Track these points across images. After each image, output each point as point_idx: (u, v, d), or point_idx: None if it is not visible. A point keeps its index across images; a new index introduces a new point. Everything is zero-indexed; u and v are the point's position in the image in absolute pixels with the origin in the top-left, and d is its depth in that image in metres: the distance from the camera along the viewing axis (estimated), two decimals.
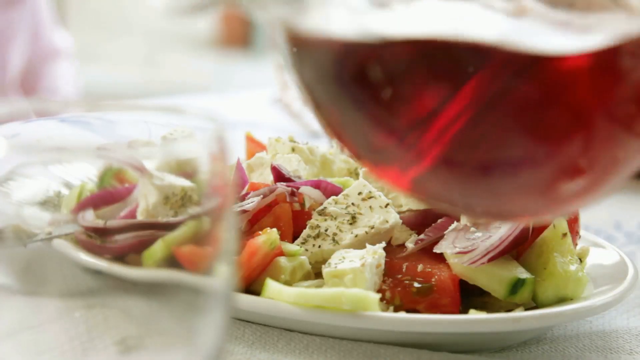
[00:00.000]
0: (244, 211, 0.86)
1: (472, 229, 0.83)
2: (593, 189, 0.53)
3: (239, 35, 5.77)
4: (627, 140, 0.52)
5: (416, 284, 0.80)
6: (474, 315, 0.78)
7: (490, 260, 0.81)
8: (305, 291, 0.78)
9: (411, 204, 0.88)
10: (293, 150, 0.97)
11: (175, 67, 5.20)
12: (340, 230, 0.86)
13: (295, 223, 0.88)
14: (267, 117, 1.78)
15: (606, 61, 0.49)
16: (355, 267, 0.80)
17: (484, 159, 0.51)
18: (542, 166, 0.51)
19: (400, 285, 0.81)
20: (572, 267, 0.82)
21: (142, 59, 5.38)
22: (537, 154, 0.50)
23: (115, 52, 5.44)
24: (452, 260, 0.81)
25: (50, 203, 0.55)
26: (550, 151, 0.50)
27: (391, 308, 0.80)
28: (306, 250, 0.86)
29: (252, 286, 0.83)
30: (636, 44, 0.49)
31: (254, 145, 1.04)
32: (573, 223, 0.88)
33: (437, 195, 0.56)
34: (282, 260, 0.83)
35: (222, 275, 0.52)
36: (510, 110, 0.49)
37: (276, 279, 0.81)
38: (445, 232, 0.84)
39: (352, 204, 0.87)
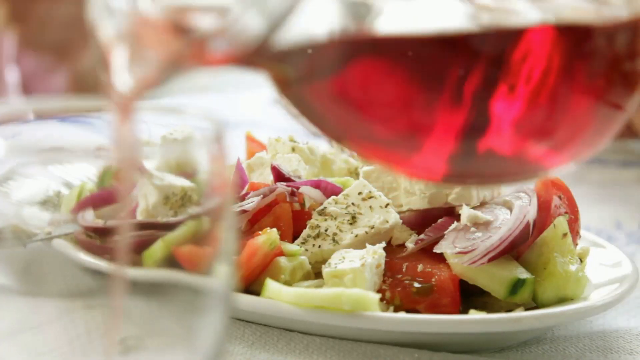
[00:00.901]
0: (244, 211, 0.86)
1: (472, 229, 0.83)
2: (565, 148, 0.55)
3: None
4: (596, 109, 0.53)
5: (416, 284, 0.80)
6: (474, 315, 0.78)
7: (490, 260, 0.81)
8: (305, 291, 0.78)
9: (411, 204, 0.88)
10: (293, 150, 0.97)
11: None
12: (340, 230, 0.86)
13: (295, 223, 0.88)
14: (267, 117, 1.77)
15: (575, 36, 0.51)
16: (355, 267, 0.80)
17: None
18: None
19: (400, 285, 0.81)
20: (573, 267, 0.82)
21: None
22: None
23: None
24: (452, 260, 0.81)
25: (50, 203, 0.55)
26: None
27: (391, 308, 0.80)
28: (306, 250, 0.86)
29: (252, 286, 0.83)
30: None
31: (254, 145, 1.04)
32: (573, 223, 0.88)
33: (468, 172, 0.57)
34: (282, 260, 0.83)
35: (222, 275, 0.52)
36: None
37: (276, 279, 0.81)
38: (445, 232, 0.84)
39: (352, 204, 0.87)
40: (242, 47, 0.50)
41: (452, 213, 0.87)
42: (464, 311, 0.80)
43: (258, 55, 0.51)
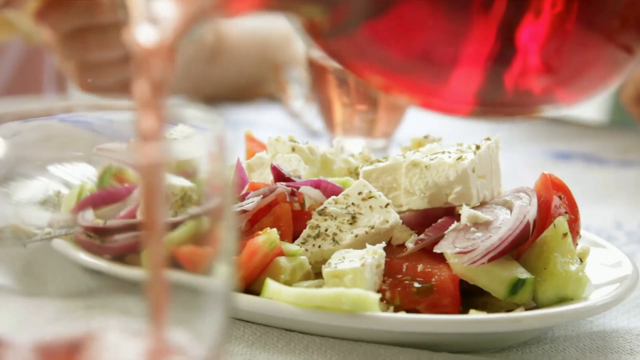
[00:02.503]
0: (244, 211, 0.86)
1: (472, 229, 0.83)
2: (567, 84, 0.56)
3: None
4: (602, 47, 0.54)
5: (416, 284, 0.80)
6: (474, 315, 0.78)
7: (490, 260, 0.81)
8: (305, 291, 0.78)
9: (411, 204, 0.88)
10: (293, 150, 0.97)
11: None
12: (340, 230, 0.86)
13: (295, 223, 0.88)
14: (267, 117, 1.78)
15: None
16: (355, 267, 0.80)
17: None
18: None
19: (400, 285, 0.81)
20: (573, 267, 0.82)
21: None
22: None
23: None
24: (452, 260, 0.81)
25: (50, 203, 0.55)
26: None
27: (391, 308, 0.80)
28: (306, 250, 0.85)
29: (252, 286, 0.83)
30: None
31: (254, 145, 1.04)
32: (573, 223, 0.88)
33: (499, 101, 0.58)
34: (282, 260, 0.83)
35: (222, 275, 0.52)
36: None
37: (276, 279, 0.81)
38: (445, 232, 0.84)
39: (352, 203, 0.87)
40: None
41: (452, 213, 0.87)
42: (464, 311, 0.80)
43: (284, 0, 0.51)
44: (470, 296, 0.82)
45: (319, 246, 0.85)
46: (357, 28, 0.54)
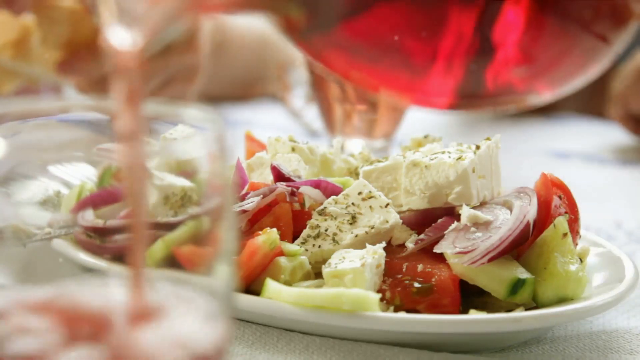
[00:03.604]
0: (244, 211, 0.86)
1: (472, 229, 0.83)
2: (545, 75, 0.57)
3: None
4: (580, 35, 0.55)
5: (416, 284, 0.80)
6: (474, 315, 0.78)
7: (490, 260, 0.81)
8: (305, 291, 0.78)
9: (411, 204, 0.88)
10: (293, 150, 0.97)
11: None
12: (340, 230, 0.86)
13: (295, 223, 0.88)
14: (267, 117, 1.78)
15: None
16: (355, 267, 0.80)
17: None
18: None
19: (400, 285, 0.81)
20: (573, 267, 0.82)
21: None
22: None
23: None
24: (452, 260, 0.81)
25: (50, 203, 0.55)
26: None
27: (391, 308, 0.80)
28: (306, 250, 0.85)
29: (252, 286, 0.83)
30: None
31: (254, 145, 1.04)
32: (573, 223, 0.88)
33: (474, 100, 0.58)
34: (282, 260, 0.83)
35: (222, 275, 0.52)
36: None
37: (276, 279, 0.81)
38: (445, 232, 0.84)
39: (352, 203, 0.87)
40: None
41: (452, 213, 0.87)
42: (464, 311, 0.80)
43: None
44: (470, 296, 0.82)
45: (319, 246, 0.85)
46: (334, 25, 0.54)
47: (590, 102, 1.93)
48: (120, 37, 0.50)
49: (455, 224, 0.84)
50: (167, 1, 0.50)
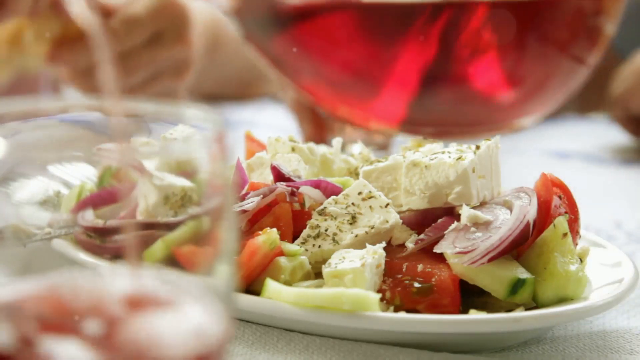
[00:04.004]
0: (244, 211, 0.86)
1: (472, 229, 0.83)
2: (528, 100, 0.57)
3: None
4: (558, 60, 0.55)
5: (416, 284, 0.80)
6: (474, 315, 0.78)
7: (490, 260, 0.81)
8: (305, 291, 0.78)
9: (411, 204, 0.88)
10: (293, 150, 0.97)
11: None
12: (340, 230, 0.86)
13: (295, 223, 0.88)
14: (267, 117, 1.77)
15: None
16: (355, 267, 0.80)
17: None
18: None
19: (400, 285, 0.81)
20: (573, 267, 0.82)
21: None
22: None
23: None
24: (452, 260, 0.81)
25: (50, 203, 0.55)
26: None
27: (391, 308, 0.80)
28: (306, 250, 0.85)
29: (252, 286, 0.83)
30: None
31: (254, 145, 1.04)
32: (573, 223, 0.88)
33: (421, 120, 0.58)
34: (282, 260, 0.83)
35: (222, 275, 0.52)
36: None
37: (276, 279, 0.81)
38: (445, 232, 0.84)
39: (352, 203, 0.87)
40: None
41: (452, 213, 0.87)
42: (464, 311, 0.80)
43: None
44: (470, 296, 0.82)
45: (319, 246, 0.85)
46: (287, 34, 0.54)
47: (590, 102, 1.93)
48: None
49: (455, 224, 0.84)
50: None
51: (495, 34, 0.52)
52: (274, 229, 0.84)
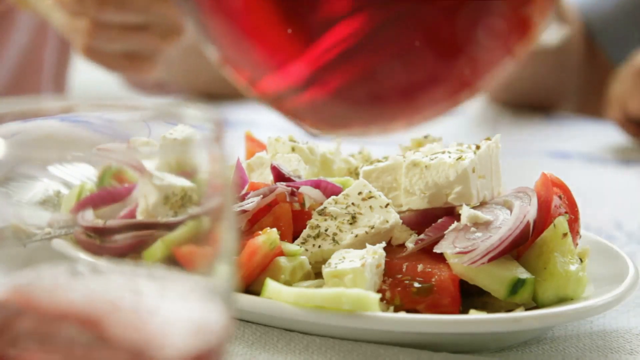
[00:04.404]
0: (244, 211, 0.86)
1: (472, 229, 0.83)
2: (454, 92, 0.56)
3: None
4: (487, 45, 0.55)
5: (416, 284, 0.80)
6: (474, 315, 0.78)
7: (490, 260, 0.81)
8: (305, 291, 0.78)
9: (411, 204, 0.88)
10: (293, 150, 0.97)
11: None
12: (340, 230, 0.86)
13: (295, 223, 0.88)
14: (267, 117, 1.77)
15: None
16: (355, 267, 0.80)
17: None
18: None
19: (400, 285, 0.81)
20: (573, 267, 0.82)
21: None
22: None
23: None
24: (452, 260, 0.81)
25: (50, 203, 0.55)
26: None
27: (391, 308, 0.80)
28: (306, 250, 0.85)
29: (252, 286, 0.83)
30: None
31: (254, 145, 1.04)
32: (573, 223, 0.88)
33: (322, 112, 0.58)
34: (282, 260, 0.83)
35: (222, 275, 0.52)
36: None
37: (276, 279, 0.81)
38: (445, 232, 0.84)
39: (352, 203, 0.87)
40: None
41: (452, 213, 0.87)
42: (464, 311, 0.80)
43: None
44: (470, 296, 0.82)
45: (319, 246, 0.85)
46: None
47: (590, 102, 1.93)
48: None
49: (455, 224, 0.84)
50: None
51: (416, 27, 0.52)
52: (274, 229, 0.84)
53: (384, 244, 0.83)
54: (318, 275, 0.84)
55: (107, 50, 1.33)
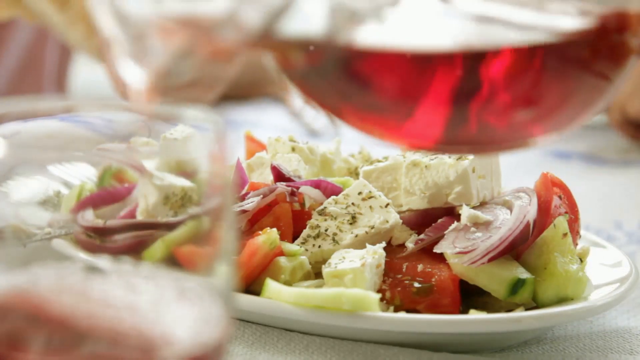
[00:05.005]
0: (244, 211, 0.86)
1: (472, 229, 0.83)
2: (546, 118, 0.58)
3: None
4: (579, 77, 0.56)
5: (416, 284, 0.80)
6: (474, 315, 0.78)
7: (490, 260, 0.81)
8: (305, 291, 0.78)
9: (411, 204, 0.88)
10: (293, 150, 0.97)
11: None
12: (340, 230, 0.86)
13: (295, 223, 0.88)
14: (267, 117, 1.78)
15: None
16: (355, 267, 0.80)
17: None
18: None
19: (400, 285, 0.81)
20: (573, 267, 0.82)
21: None
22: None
23: None
24: (452, 260, 0.81)
25: (50, 203, 0.55)
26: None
27: (391, 308, 0.80)
28: (306, 250, 0.85)
29: (252, 286, 0.83)
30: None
31: (254, 145, 1.04)
32: (573, 223, 0.88)
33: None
34: (282, 260, 0.83)
35: (222, 275, 0.52)
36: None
37: (276, 279, 0.81)
38: (445, 232, 0.84)
39: (352, 203, 0.87)
40: (247, 36, 0.51)
41: (452, 213, 0.87)
42: (464, 311, 0.80)
43: (263, 41, 0.53)
44: (470, 296, 0.82)
45: (319, 246, 0.85)
46: (330, 77, 0.56)
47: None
48: (132, 74, 0.51)
49: (455, 224, 0.84)
50: (177, 41, 0.51)
51: (520, 72, 0.54)
52: (274, 229, 0.84)
53: (384, 244, 0.83)
54: (318, 275, 0.84)
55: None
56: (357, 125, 0.60)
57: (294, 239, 0.87)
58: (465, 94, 0.55)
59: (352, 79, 0.56)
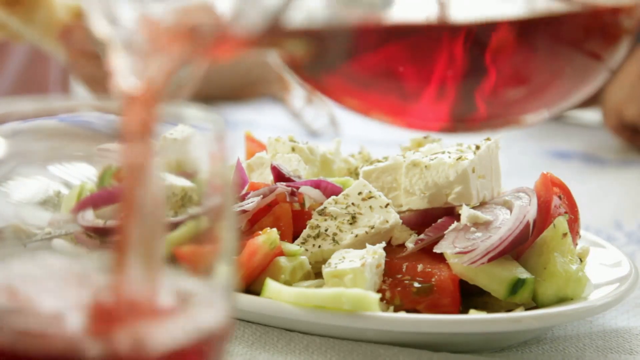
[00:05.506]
0: (244, 211, 0.86)
1: (472, 229, 0.83)
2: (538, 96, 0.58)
3: None
4: (570, 55, 0.56)
5: (416, 284, 0.80)
6: (474, 315, 0.78)
7: (490, 260, 0.81)
8: (305, 291, 0.78)
9: (411, 204, 0.88)
10: (293, 150, 0.97)
11: None
12: (340, 230, 0.86)
13: (295, 223, 0.88)
14: (267, 117, 1.78)
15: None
16: (355, 267, 0.80)
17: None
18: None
19: (400, 285, 0.81)
20: (573, 267, 0.82)
21: None
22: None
23: None
24: (452, 260, 0.81)
25: (50, 203, 0.55)
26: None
27: (391, 308, 0.80)
28: (306, 250, 0.85)
29: (252, 286, 0.83)
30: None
31: (254, 145, 1.04)
32: (573, 223, 0.88)
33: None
34: (282, 260, 0.83)
35: (222, 275, 0.52)
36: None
37: (276, 279, 0.81)
38: (445, 232, 0.84)
39: (352, 204, 0.87)
40: (251, 34, 0.51)
41: (452, 213, 0.87)
42: (464, 311, 0.80)
43: (268, 38, 0.53)
44: (470, 296, 0.82)
45: (319, 246, 0.85)
46: (339, 63, 0.56)
47: (589, 102, 1.93)
48: (129, 82, 0.51)
49: (455, 224, 0.84)
50: (175, 47, 0.51)
51: (517, 46, 0.55)
52: (274, 229, 0.84)
53: (384, 244, 0.83)
54: (318, 275, 0.84)
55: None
56: (363, 110, 0.60)
57: (294, 239, 0.87)
58: (461, 72, 0.55)
59: (359, 70, 0.56)
